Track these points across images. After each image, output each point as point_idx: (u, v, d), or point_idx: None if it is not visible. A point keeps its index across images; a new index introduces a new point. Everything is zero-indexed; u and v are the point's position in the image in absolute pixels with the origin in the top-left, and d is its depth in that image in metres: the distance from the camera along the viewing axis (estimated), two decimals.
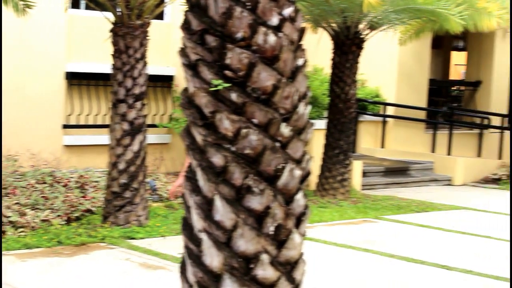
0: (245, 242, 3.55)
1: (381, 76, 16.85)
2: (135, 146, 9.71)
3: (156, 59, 13.06)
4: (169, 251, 8.43)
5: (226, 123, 3.52)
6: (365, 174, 14.52)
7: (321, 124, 13.44)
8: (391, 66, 16.80)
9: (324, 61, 14.21)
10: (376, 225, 11.03)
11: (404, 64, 16.86)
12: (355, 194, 13.25)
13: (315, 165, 13.10)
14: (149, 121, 12.17)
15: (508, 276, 8.10)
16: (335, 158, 12.84)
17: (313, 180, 13.16)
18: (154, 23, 10.55)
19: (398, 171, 15.54)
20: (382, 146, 16.81)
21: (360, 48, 12.83)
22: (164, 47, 13.53)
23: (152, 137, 12.41)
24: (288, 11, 3.60)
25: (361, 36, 12.79)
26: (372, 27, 12.79)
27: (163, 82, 13.91)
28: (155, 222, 9.95)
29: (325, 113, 13.40)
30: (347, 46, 12.73)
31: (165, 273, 7.67)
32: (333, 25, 12.77)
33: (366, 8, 11.24)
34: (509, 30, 17.57)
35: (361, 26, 12.73)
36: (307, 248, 7.00)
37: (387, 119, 16.80)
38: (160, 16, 13.48)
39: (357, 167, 13.96)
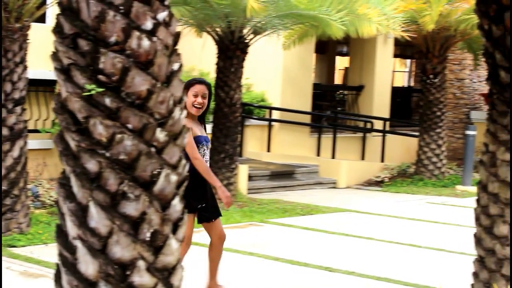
0: (121, 249, 3.51)
1: (266, 80, 16.99)
2: (15, 152, 9.48)
3: (38, 63, 12.76)
4: (51, 259, 8.24)
5: (100, 128, 3.47)
6: (251, 178, 14.60)
7: (206, 128, 13.40)
8: (276, 71, 16.96)
9: (210, 65, 14.22)
10: (262, 228, 11.11)
11: (289, 69, 17.05)
12: (241, 198, 13.31)
13: None
14: (31, 126, 11.89)
15: (388, 277, 8.30)
16: (221, 162, 12.88)
17: None
18: (36, 26, 10.32)
19: (283, 175, 15.70)
20: (268, 150, 16.95)
21: (244, 52, 12.91)
22: (46, 50, 13.21)
23: (34, 142, 12.13)
24: (162, 15, 3.58)
25: (246, 41, 12.87)
26: (256, 32, 12.89)
27: (46, 86, 13.61)
28: (37, 229, 9.73)
29: (211, 118, 13.41)
30: (232, 51, 12.79)
31: (47, 282, 7.50)
32: (217, 29, 12.81)
33: (250, 13, 11.33)
34: (390, 36, 18.06)
35: (245, 31, 12.81)
36: (191, 253, 6.99)
37: (273, 123, 16.96)
38: (42, 19, 13.20)
39: (243, 171, 14.03)
